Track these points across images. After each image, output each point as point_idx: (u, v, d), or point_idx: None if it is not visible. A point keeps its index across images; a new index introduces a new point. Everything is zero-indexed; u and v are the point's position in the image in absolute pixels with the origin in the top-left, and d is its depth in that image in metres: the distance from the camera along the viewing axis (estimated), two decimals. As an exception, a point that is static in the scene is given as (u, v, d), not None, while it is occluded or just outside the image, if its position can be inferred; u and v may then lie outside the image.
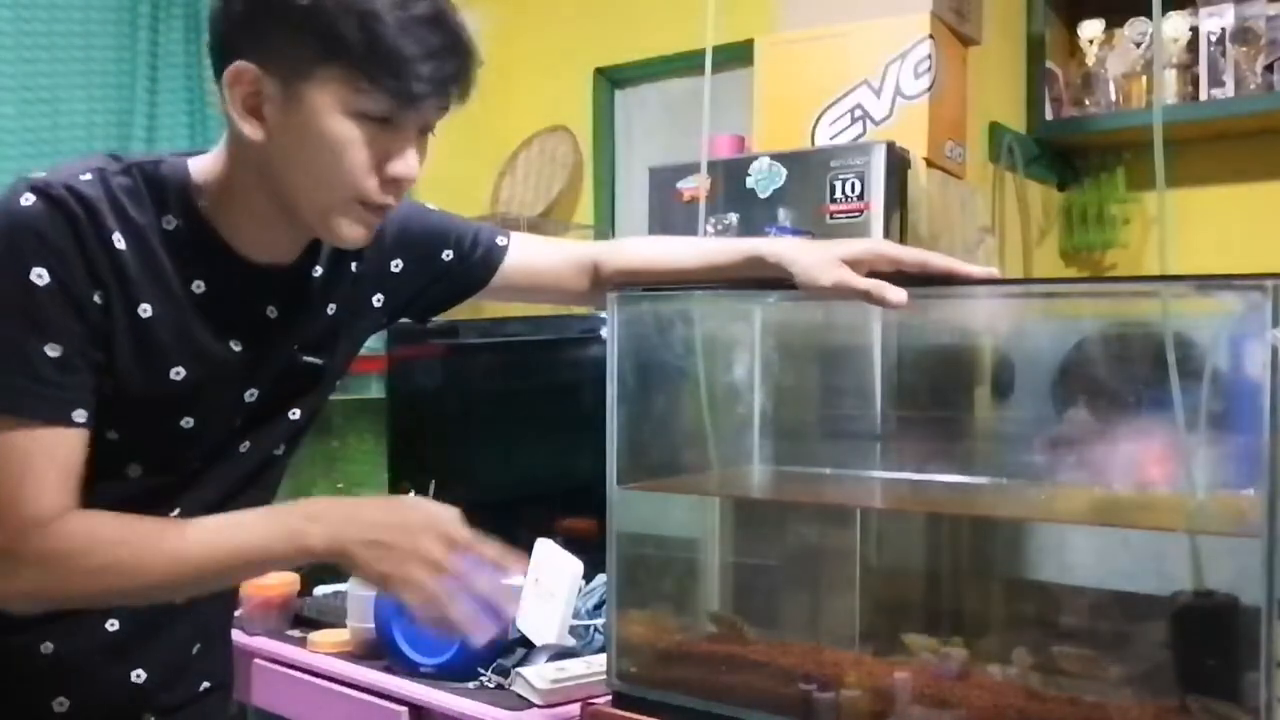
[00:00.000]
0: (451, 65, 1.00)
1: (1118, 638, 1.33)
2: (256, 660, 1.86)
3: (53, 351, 0.97)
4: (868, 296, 1.20)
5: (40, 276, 0.96)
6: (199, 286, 1.06)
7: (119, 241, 1.00)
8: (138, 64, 2.98)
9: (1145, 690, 1.21)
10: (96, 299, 0.99)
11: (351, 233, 1.04)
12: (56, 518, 0.97)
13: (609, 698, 1.42)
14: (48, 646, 1.09)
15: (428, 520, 1.01)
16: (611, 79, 3.30)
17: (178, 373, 1.05)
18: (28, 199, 0.96)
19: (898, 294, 1.19)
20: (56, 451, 0.98)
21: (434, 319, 1.44)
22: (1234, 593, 1.14)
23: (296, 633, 1.91)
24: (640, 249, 1.40)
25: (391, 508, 1.04)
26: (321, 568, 1.98)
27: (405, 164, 1.02)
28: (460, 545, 1.00)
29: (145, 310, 1.02)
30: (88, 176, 1.00)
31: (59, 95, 2.89)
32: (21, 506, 0.96)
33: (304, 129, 0.99)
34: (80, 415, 0.99)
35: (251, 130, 1.00)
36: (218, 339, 1.08)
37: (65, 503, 0.98)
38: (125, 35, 2.98)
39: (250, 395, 1.13)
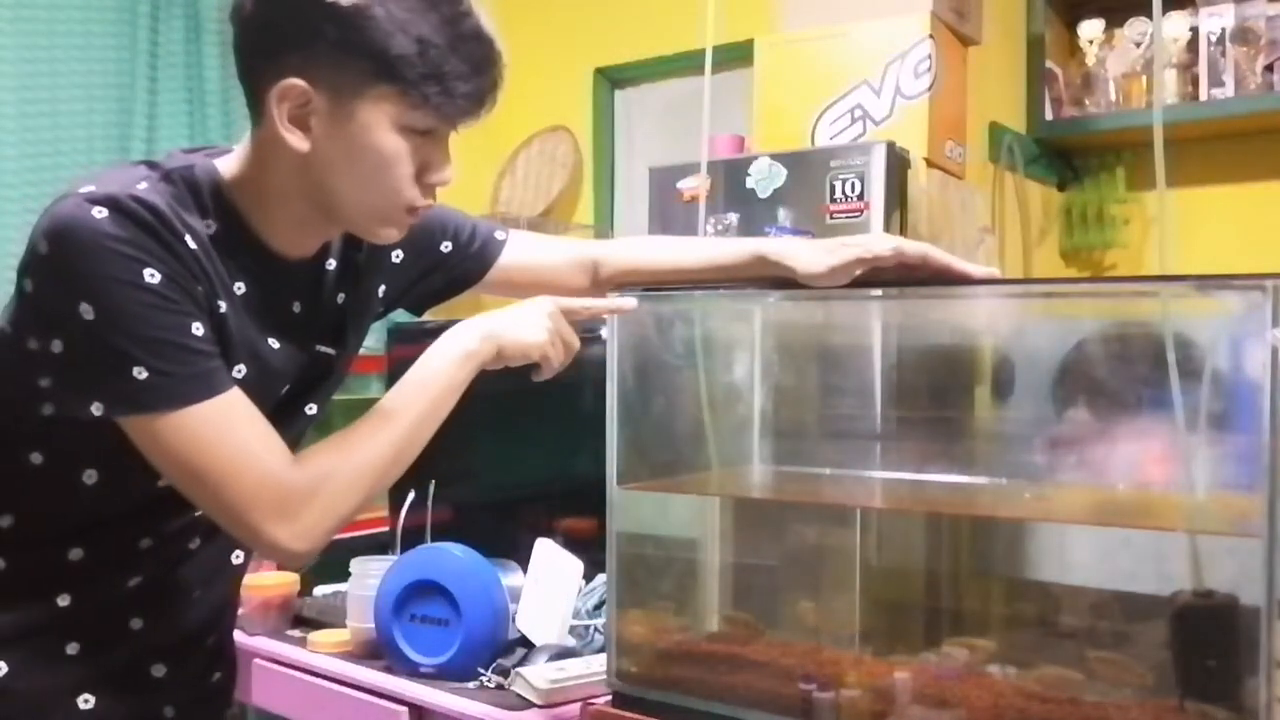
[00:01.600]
0: (489, 78, 1.04)
1: (1117, 638, 1.32)
2: (256, 660, 1.86)
3: (198, 329, 1.00)
4: (878, 260, 1.21)
5: (152, 275, 0.97)
6: (240, 287, 1.08)
7: (190, 243, 1.02)
8: (138, 64, 2.98)
9: (1145, 690, 1.21)
10: (200, 289, 1.02)
11: (391, 233, 1.11)
12: (291, 460, 1.03)
13: (609, 698, 1.42)
14: (73, 647, 1.10)
15: (549, 306, 1.18)
16: (611, 79, 3.30)
17: (239, 370, 1.07)
18: (100, 212, 0.96)
19: (915, 248, 1.22)
20: (246, 409, 1.02)
21: (433, 317, 1.44)
22: (1234, 593, 1.14)
23: (296, 633, 1.90)
24: (641, 248, 1.41)
25: (518, 310, 1.18)
26: (321, 568, 2.00)
27: (445, 172, 1.08)
28: (577, 312, 1.21)
29: (221, 306, 1.05)
30: (144, 185, 1.01)
31: (59, 95, 2.88)
32: (260, 467, 1.00)
33: (353, 142, 1.02)
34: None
35: (297, 141, 1.02)
36: (262, 337, 1.10)
37: (282, 444, 1.03)
38: (125, 35, 2.98)
39: (282, 392, 1.15)
